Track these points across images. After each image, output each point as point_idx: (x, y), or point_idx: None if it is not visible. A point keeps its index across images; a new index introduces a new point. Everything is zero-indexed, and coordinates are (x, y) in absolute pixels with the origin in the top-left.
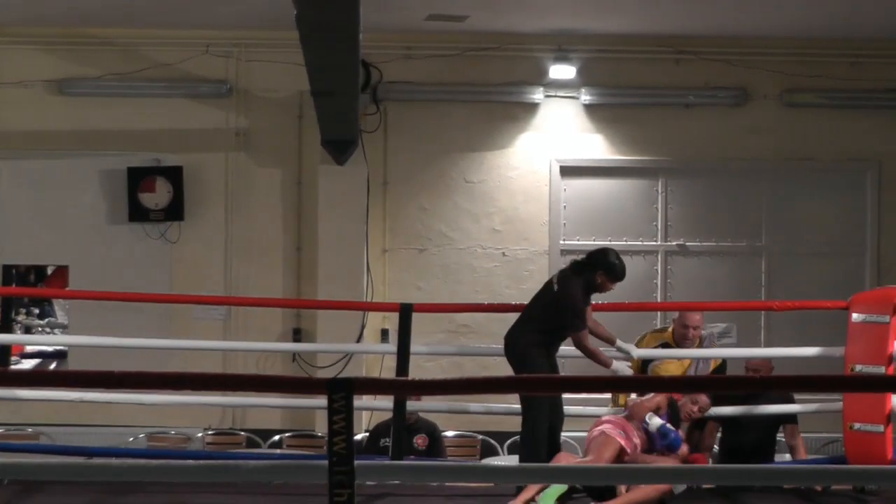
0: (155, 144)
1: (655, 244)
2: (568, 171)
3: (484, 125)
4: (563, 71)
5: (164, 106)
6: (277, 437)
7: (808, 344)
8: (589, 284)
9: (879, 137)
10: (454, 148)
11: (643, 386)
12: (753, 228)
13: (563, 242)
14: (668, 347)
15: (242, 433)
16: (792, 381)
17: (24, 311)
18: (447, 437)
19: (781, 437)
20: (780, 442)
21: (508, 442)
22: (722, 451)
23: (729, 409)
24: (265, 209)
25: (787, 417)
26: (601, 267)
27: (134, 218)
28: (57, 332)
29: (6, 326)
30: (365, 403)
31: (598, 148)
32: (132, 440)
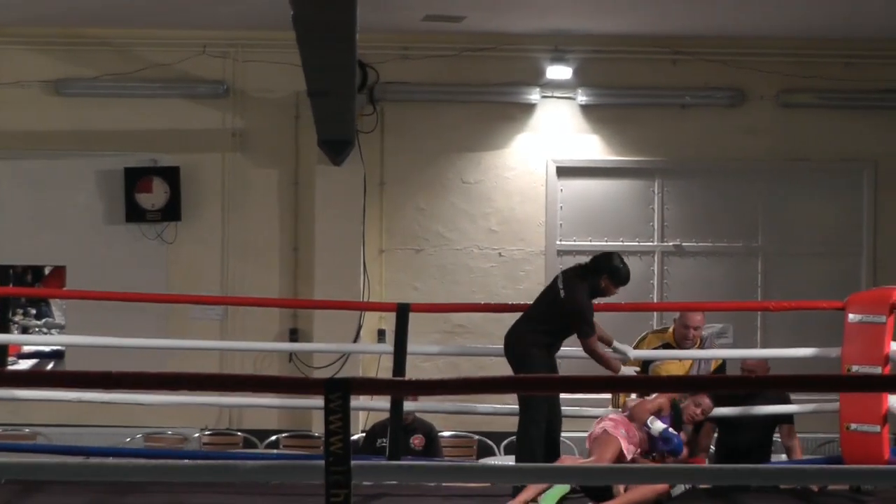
0: (152, 145)
1: (652, 244)
2: (564, 171)
3: (480, 125)
4: (559, 71)
5: (160, 106)
6: (274, 437)
7: (804, 344)
8: (594, 288)
9: (875, 138)
10: (451, 148)
11: (641, 386)
12: (750, 229)
13: (559, 243)
14: (669, 347)
15: (239, 433)
16: (790, 380)
17: (21, 311)
18: (444, 437)
19: (778, 437)
20: (776, 442)
21: (505, 442)
22: (718, 451)
23: (725, 409)
24: (262, 209)
25: (783, 418)
26: (605, 271)
27: (131, 218)
28: (54, 332)
29: (3, 327)
30: (362, 404)
31: (594, 148)
32: (129, 440)
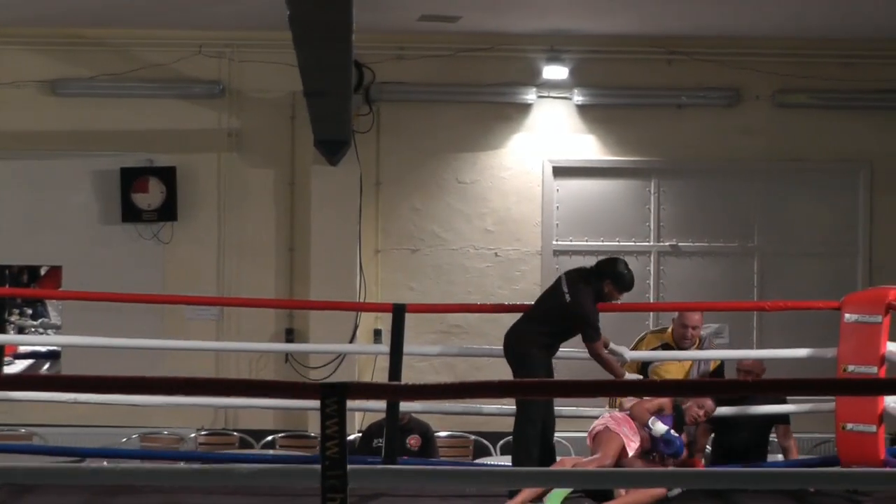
0: (148, 145)
1: (648, 244)
2: (560, 171)
3: (476, 126)
4: (555, 71)
5: (156, 106)
6: (270, 437)
7: (800, 344)
8: (598, 293)
9: (871, 138)
10: (447, 148)
11: (637, 390)
12: (746, 229)
13: (555, 243)
14: (668, 347)
15: (235, 433)
16: (786, 384)
17: (17, 311)
18: (440, 437)
19: (774, 437)
20: (772, 442)
21: (501, 442)
22: (715, 451)
23: (722, 409)
24: (258, 210)
25: (779, 418)
26: (609, 276)
27: (127, 218)
28: (50, 332)
29: None
30: (358, 404)
31: (590, 148)
32: (125, 441)
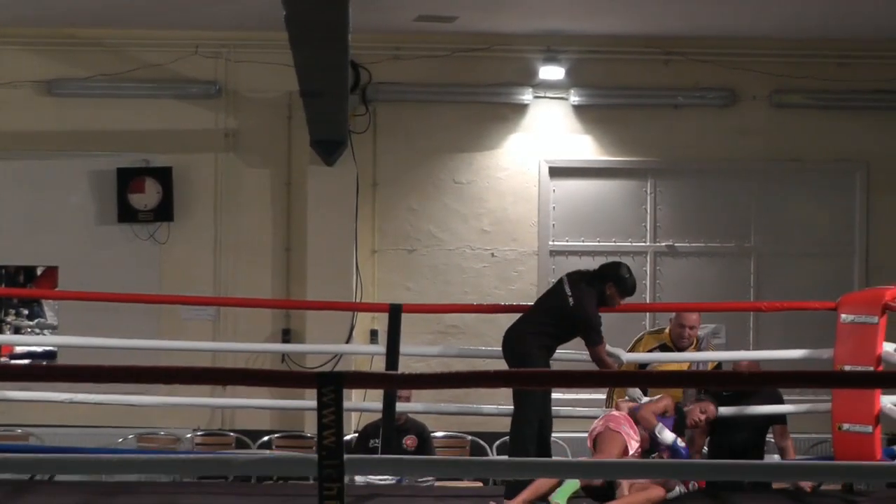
0: (144, 145)
1: (644, 245)
2: (557, 171)
3: (473, 126)
4: (552, 72)
5: (153, 106)
6: (267, 437)
7: (796, 344)
8: (600, 296)
9: (868, 138)
10: (443, 149)
11: (633, 383)
12: (742, 229)
13: (552, 243)
14: (666, 348)
15: (232, 434)
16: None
17: (13, 311)
18: (436, 437)
19: (771, 438)
20: (769, 443)
21: (498, 442)
22: (712, 451)
23: (719, 409)
24: (254, 210)
25: (776, 418)
26: (612, 279)
27: (123, 218)
28: (46, 332)
29: None
30: (355, 404)
31: (587, 149)
32: (121, 441)
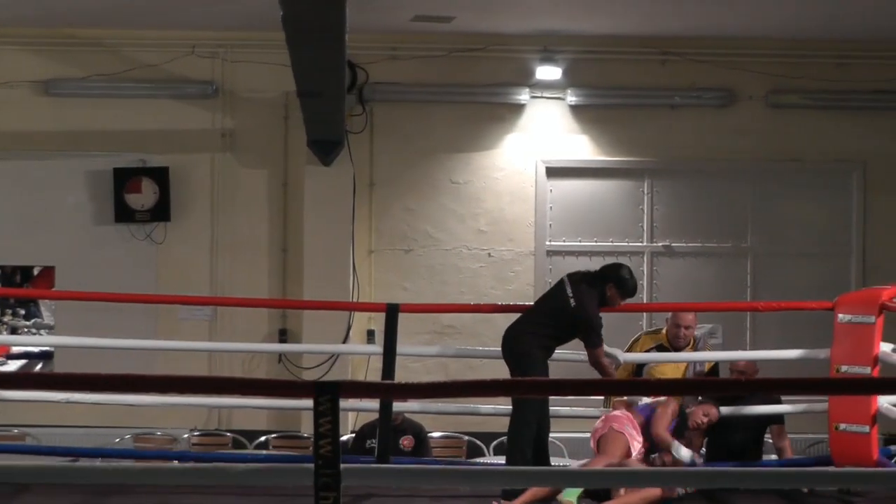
0: (141, 145)
1: (641, 245)
2: (554, 171)
3: (470, 126)
4: (548, 72)
5: (150, 106)
6: (263, 437)
7: (793, 344)
8: (601, 297)
9: (865, 138)
10: (440, 149)
11: (630, 390)
12: (739, 229)
13: (548, 243)
14: (663, 348)
15: (228, 434)
16: (781, 383)
17: (9, 311)
18: (433, 437)
19: (769, 438)
20: (767, 443)
21: (494, 443)
22: (710, 452)
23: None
24: (251, 210)
25: (774, 418)
26: (612, 280)
27: (120, 219)
28: (43, 332)
29: None
30: (351, 404)
31: (583, 149)
32: (118, 441)
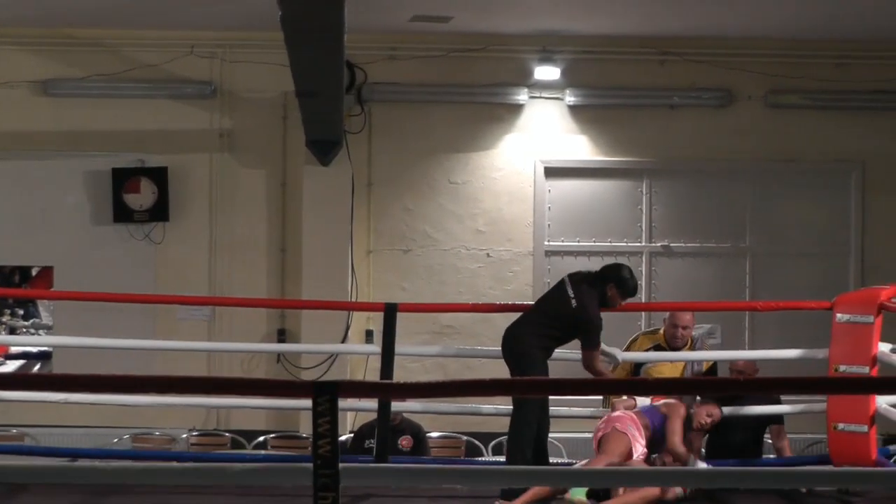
0: (139, 145)
1: (640, 245)
2: (552, 172)
3: (468, 126)
4: (547, 72)
5: (148, 107)
6: (262, 437)
7: (792, 344)
8: (601, 298)
9: (864, 138)
10: (439, 149)
11: (630, 389)
12: (738, 229)
13: (547, 243)
14: (660, 348)
15: (227, 434)
16: (779, 383)
17: (8, 311)
18: (432, 438)
19: (768, 438)
20: (767, 443)
21: (493, 443)
22: (709, 452)
23: None
24: (250, 210)
25: (773, 418)
26: (613, 280)
27: (118, 219)
28: (41, 332)
29: None
30: (350, 404)
31: (582, 149)
32: (117, 441)
